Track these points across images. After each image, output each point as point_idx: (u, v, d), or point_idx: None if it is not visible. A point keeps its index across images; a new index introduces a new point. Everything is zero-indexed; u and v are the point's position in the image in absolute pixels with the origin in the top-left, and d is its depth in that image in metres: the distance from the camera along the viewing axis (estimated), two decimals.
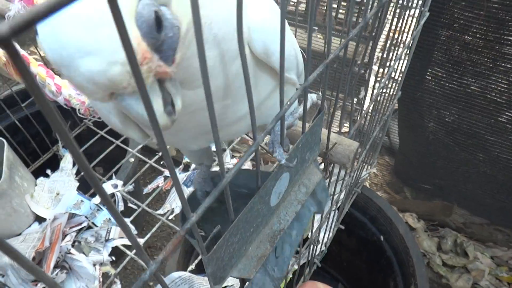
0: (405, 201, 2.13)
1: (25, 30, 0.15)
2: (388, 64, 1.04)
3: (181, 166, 1.49)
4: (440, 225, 2.05)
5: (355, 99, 1.81)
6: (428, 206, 2.05)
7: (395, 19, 0.90)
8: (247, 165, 1.51)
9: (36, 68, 0.84)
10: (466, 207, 1.98)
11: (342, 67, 0.55)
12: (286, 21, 0.57)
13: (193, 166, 1.46)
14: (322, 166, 0.75)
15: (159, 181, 1.46)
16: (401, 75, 1.12)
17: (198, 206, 0.36)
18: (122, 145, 1.51)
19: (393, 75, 1.06)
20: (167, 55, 0.35)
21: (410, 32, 1.01)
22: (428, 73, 1.61)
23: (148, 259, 0.30)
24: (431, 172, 1.93)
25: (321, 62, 0.45)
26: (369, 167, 1.51)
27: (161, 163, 1.56)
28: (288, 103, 0.41)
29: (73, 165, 1.51)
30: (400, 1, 0.88)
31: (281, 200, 0.54)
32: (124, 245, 1.28)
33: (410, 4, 1.00)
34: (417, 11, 1.05)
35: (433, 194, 2.04)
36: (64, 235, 1.26)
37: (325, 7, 2.07)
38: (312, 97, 0.64)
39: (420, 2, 1.00)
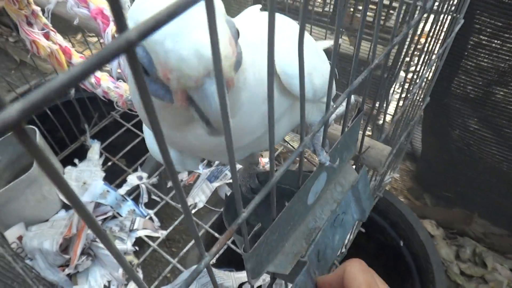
0: (425, 208, 2.11)
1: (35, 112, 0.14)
2: (414, 69, 1.04)
3: (205, 162, 1.51)
4: (459, 234, 2.03)
5: (382, 103, 1.80)
6: (448, 214, 2.04)
7: (423, 23, 0.90)
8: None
9: (77, 59, 0.87)
10: (487, 217, 1.95)
11: (382, 73, 0.56)
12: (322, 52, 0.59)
13: (216, 162, 1.47)
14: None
15: (183, 175, 1.49)
16: (429, 81, 1.12)
17: (242, 200, 0.37)
18: None
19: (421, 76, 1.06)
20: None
21: (436, 36, 1.01)
22: (456, 80, 1.60)
23: (203, 251, 0.32)
24: (453, 180, 1.91)
25: (347, 64, 0.46)
26: (392, 172, 1.51)
27: None
28: (334, 106, 0.43)
29: (100, 156, 1.55)
30: (435, 6, 0.88)
31: (318, 198, 0.55)
32: (147, 236, 1.31)
33: (444, 9, 1.00)
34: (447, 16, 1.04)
35: (453, 202, 2.02)
36: None
37: (352, 9, 2.07)
38: (351, 98, 0.65)
39: (453, 8, 1.00)
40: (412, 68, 0.97)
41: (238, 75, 0.41)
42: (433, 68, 1.07)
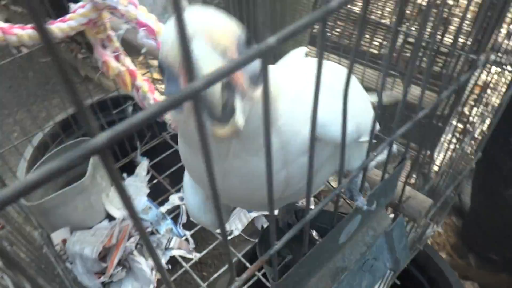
0: (468, 268, 2.00)
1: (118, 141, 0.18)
2: (467, 119, 1.02)
3: None
4: None
5: (427, 152, 1.76)
6: (493, 279, 1.91)
7: (483, 75, 0.89)
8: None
9: (141, 82, 0.94)
10: None
11: (430, 122, 0.56)
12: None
13: None
14: (391, 216, 0.75)
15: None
16: (482, 134, 1.09)
17: (278, 234, 0.39)
18: None
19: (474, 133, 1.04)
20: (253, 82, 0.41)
21: (494, 88, 0.99)
22: None
23: (234, 275, 0.34)
24: (502, 243, 1.80)
25: (394, 108, 0.47)
26: (435, 225, 1.45)
27: None
28: (375, 153, 0.44)
29: (147, 173, 1.61)
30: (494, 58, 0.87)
31: (349, 239, 0.55)
32: (180, 256, 1.34)
33: (504, 60, 0.98)
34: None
35: (500, 266, 1.90)
36: (130, 236, 1.34)
37: (408, 54, 2.06)
38: (393, 148, 0.66)
39: None
40: (466, 119, 0.95)
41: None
42: (488, 122, 1.04)
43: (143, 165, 1.64)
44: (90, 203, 1.38)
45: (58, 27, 0.79)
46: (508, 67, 0.99)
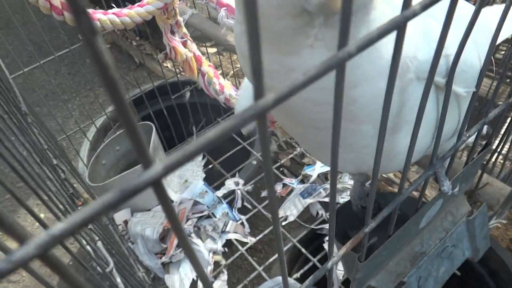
0: None
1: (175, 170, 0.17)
2: None
3: (300, 177, 1.54)
4: None
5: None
6: None
7: None
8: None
9: (206, 67, 0.96)
10: None
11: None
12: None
13: (312, 179, 1.49)
14: None
15: (277, 187, 1.53)
16: None
17: (353, 218, 0.39)
18: (248, 147, 1.62)
19: None
20: None
21: None
22: None
23: (333, 250, 0.34)
24: None
25: None
26: (498, 216, 1.40)
27: (281, 169, 1.63)
28: (467, 135, 0.43)
29: (202, 158, 1.65)
30: None
31: (428, 223, 0.55)
32: (237, 240, 1.37)
33: None
34: None
35: None
36: (187, 219, 1.39)
37: None
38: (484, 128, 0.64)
39: None
40: None
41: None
42: None
43: None
44: None
45: (137, 11, 0.82)
46: None
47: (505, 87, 1.62)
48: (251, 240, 1.38)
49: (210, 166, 1.60)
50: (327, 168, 1.52)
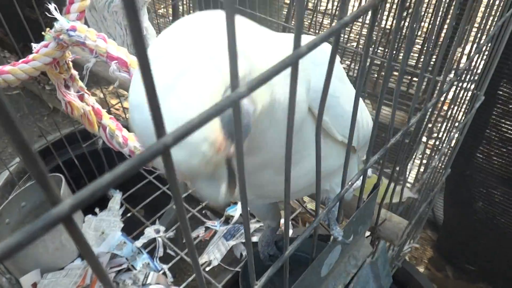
0: (447, 280, 2.02)
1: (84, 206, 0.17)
2: (437, 135, 1.04)
3: (222, 219, 1.52)
4: None
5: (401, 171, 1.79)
6: None
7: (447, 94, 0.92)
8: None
9: (107, 120, 0.92)
10: None
11: (402, 140, 0.56)
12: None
13: (234, 219, 1.48)
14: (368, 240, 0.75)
15: (200, 231, 1.49)
16: (449, 153, 1.12)
17: (259, 267, 0.38)
18: (168, 191, 1.57)
19: (442, 149, 1.07)
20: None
21: (459, 105, 1.02)
22: (479, 151, 1.59)
23: None
24: (476, 253, 1.84)
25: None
26: (412, 241, 1.47)
27: (203, 212, 1.59)
28: (350, 183, 0.44)
29: (120, 206, 1.57)
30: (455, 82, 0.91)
31: (331, 270, 0.55)
32: None
33: (464, 85, 1.02)
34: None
35: (477, 276, 1.93)
36: None
37: (375, 75, 2.13)
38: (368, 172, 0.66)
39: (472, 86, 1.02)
40: (435, 135, 0.98)
41: (263, 118, 0.41)
42: (454, 140, 1.08)
43: (116, 198, 1.60)
44: (61, 242, 1.33)
45: (21, 68, 0.77)
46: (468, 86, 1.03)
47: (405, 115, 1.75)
48: None
49: (129, 214, 1.52)
50: None
